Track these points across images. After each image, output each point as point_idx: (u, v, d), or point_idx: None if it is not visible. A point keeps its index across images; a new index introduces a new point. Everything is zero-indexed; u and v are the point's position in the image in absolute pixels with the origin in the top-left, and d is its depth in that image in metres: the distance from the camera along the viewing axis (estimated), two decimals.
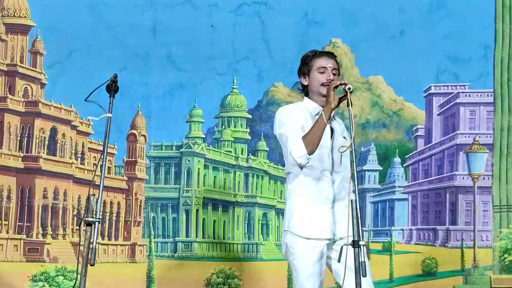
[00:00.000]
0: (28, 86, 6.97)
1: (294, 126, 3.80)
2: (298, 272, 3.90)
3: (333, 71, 3.94)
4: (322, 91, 3.85)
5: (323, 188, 3.93)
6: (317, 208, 3.91)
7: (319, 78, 3.87)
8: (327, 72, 3.90)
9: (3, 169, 6.76)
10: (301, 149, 3.72)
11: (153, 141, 6.94)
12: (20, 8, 6.92)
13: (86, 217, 3.79)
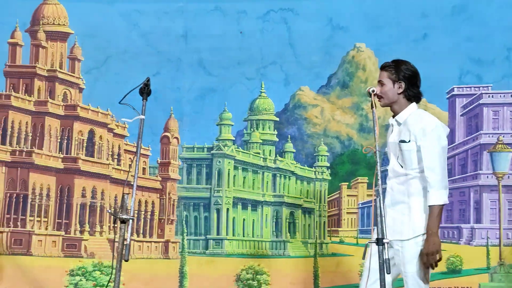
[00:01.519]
0: (67, 90, 6.94)
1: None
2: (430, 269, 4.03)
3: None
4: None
5: None
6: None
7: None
8: None
9: (43, 169, 6.72)
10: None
11: (185, 143, 6.86)
12: (59, 17, 6.88)
13: (121, 215, 3.82)
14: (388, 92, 4.22)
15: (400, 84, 4.19)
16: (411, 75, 4.22)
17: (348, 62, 6.65)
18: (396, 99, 4.22)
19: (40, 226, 6.63)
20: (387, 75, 4.24)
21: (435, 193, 3.95)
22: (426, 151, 3.91)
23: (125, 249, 3.71)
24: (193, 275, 6.59)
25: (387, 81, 4.24)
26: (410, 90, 4.21)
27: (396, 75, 4.20)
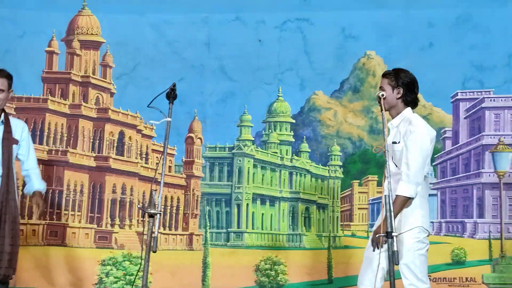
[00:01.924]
0: (99, 95, 6.99)
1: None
2: (426, 259, 4.10)
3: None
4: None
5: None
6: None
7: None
8: None
9: (77, 167, 6.79)
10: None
11: (208, 143, 6.91)
12: (92, 27, 6.93)
13: (149, 210, 3.89)
14: (388, 97, 4.34)
15: (399, 90, 4.32)
16: (409, 82, 4.34)
17: (359, 69, 6.64)
18: (395, 104, 4.34)
19: (74, 220, 6.68)
20: (388, 82, 4.37)
21: (404, 185, 4.05)
22: (407, 149, 4.02)
23: (153, 241, 3.80)
24: (215, 265, 6.57)
25: (387, 87, 4.37)
26: (408, 96, 4.32)
27: (396, 82, 4.33)
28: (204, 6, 6.68)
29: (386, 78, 4.35)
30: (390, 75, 4.35)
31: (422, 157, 4.05)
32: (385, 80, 4.35)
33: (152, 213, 3.89)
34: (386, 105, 4.32)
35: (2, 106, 4.65)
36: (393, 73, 4.35)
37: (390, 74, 4.36)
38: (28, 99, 6.74)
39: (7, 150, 4.60)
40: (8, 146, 4.61)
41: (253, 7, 6.67)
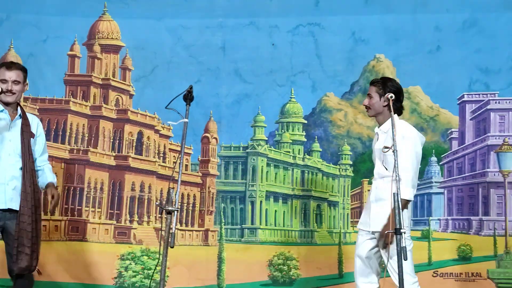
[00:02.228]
0: (119, 96, 7.02)
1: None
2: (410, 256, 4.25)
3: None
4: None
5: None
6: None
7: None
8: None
9: (98, 165, 6.83)
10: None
11: (223, 142, 6.90)
12: (112, 32, 6.96)
13: (167, 207, 3.90)
14: (375, 104, 4.46)
15: (386, 98, 4.42)
16: (395, 90, 4.41)
17: (369, 71, 6.61)
18: (382, 111, 4.45)
19: (94, 216, 6.71)
20: (375, 90, 4.48)
21: (405, 189, 4.15)
22: (402, 154, 4.06)
23: (171, 237, 3.81)
24: (230, 260, 6.59)
25: (375, 95, 4.48)
26: (394, 104, 4.41)
27: (383, 90, 4.42)
28: (219, 11, 6.72)
29: (374, 86, 4.47)
30: (378, 83, 4.48)
31: (417, 162, 4.22)
32: (373, 88, 4.47)
33: (169, 210, 3.91)
34: (373, 111, 4.48)
35: (18, 98, 4.63)
36: (381, 82, 4.47)
37: (378, 82, 4.49)
38: (51, 100, 6.78)
39: (27, 143, 4.58)
40: (27, 139, 4.59)
41: (267, 12, 6.70)
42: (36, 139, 4.71)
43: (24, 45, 6.62)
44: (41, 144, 4.76)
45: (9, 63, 4.69)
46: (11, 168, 4.50)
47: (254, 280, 6.54)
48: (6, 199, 4.46)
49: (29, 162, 4.55)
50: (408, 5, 6.57)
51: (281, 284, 6.53)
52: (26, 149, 4.55)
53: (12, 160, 4.51)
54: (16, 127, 4.58)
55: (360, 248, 4.55)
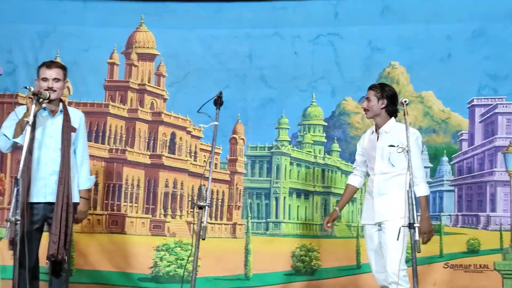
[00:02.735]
0: (154, 100, 7.11)
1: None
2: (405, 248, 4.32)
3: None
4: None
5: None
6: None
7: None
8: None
9: (134, 164, 6.93)
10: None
11: (250, 143, 6.98)
12: (148, 41, 7.06)
13: (199, 202, 4.06)
14: (373, 106, 4.63)
15: (383, 101, 4.58)
16: (391, 95, 4.60)
17: (384, 77, 6.61)
18: (379, 113, 4.61)
19: (132, 210, 6.82)
20: (374, 93, 4.65)
21: (423, 186, 4.35)
22: (412, 154, 4.17)
23: (202, 230, 3.98)
24: (256, 252, 6.65)
25: (373, 98, 4.64)
26: (390, 107, 4.59)
27: (381, 94, 4.60)
28: (246, 22, 6.81)
29: (373, 90, 4.65)
30: (376, 87, 4.66)
31: (422, 160, 4.43)
32: (371, 91, 4.65)
33: (201, 205, 4.07)
34: (371, 113, 4.64)
35: (59, 95, 4.63)
36: (379, 86, 4.65)
37: (376, 87, 4.67)
38: (92, 104, 6.90)
39: (67, 137, 4.59)
40: (68, 134, 4.60)
41: (290, 23, 6.77)
42: (78, 134, 4.73)
43: (68, 54, 6.74)
44: (81, 140, 4.77)
45: (49, 62, 4.72)
46: (52, 163, 4.55)
47: (278, 270, 6.60)
48: (47, 193, 4.52)
49: (68, 157, 4.57)
50: (421, 15, 6.56)
51: (303, 274, 6.58)
52: (66, 144, 4.57)
53: (53, 155, 4.56)
54: (57, 122, 4.62)
55: (370, 242, 4.70)
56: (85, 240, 6.58)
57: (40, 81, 4.64)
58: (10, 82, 6.74)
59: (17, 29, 6.80)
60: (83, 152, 4.81)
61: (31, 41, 6.81)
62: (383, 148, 4.58)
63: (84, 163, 4.82)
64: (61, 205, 4.48)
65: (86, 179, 4.83)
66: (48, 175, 4.54)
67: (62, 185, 4.50)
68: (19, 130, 4.40)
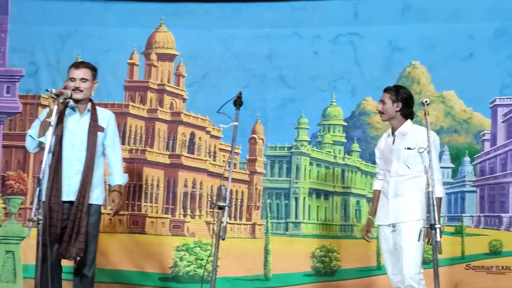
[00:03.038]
0: (173, 100, 7.13)
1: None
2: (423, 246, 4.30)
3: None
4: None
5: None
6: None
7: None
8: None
9: (154, 164, 6.96)
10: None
11: (269, 143, 6.97)
12: (168, 41, 7.09)
13: (219, 203, 4.05)
14: (388, 109, 4.62)
15: (398, 104, 4.57)
16: (406, 97, 4.58)
17: (405, 77, 6.59)
18: (394, 116, 4.60)
19: (152, 211, 6.85)
20: (388, 96, 4.64)
21: (439, 187, 4.30)
22: (430, 155, 4.14)
23: (222, 230, 3.98)
24: (276, 252, 6.63)
25: (388, 101, 4.63)
26: (406, 109, 4.58)
27: (395, 97, 4.58)
28: (265, 22, 6.81)
29: (387, 92, 4.65)
30: (391, 90, 4.65)
31: (438, 161, 4.39)
32: (386, 94, 4.65)
33: (221, 206, 4.06)
34: (386, 116, 4.63)
35: (86, 95, 4.66)
36: (394, 89, 4.63)
37: (391, 89, 4.66)
38: (113, 104, 6.92)
39: (93, 137, 4.60)
40: (94, 133, 4.61)
41: (309, 23, 6.76)
42: (107, 133, 4.75)
43: (89, 55, 6.69)
44: (111, 139, 4.79)
45: (77, 62, 4.79)
46: (77, 162, 4.58)
47: (297, 270, 6.60)
48: (70, 191, 4.54)
49: (92, 156, 4.59)
50: (442, 14, 6.52)
51: (323, 275, 6.57)
52: (91, 144, 4.59)
53: (78, 154, 4.59)
54: (83, 122, 4.65)
55: (385, 243, 4.71)
56: (106, 239, 6.60)
57: (69, 81, 4.70)
58: (33, 84, 6.82)
59: (39, 30, 6.88)
60: (116, 150, 4.85)
61: (53, 43, 6.89)
62: (399, 151, 4.58)
63: (118, 161, 4.87)
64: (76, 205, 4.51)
65: (120, 176, 4.88)
66: (72, 174, 4.57)
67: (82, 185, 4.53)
68: (42, 130, 4.42)
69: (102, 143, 4.74)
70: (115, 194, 4.79)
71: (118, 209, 4.84)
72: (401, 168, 4.57)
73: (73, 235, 4.45)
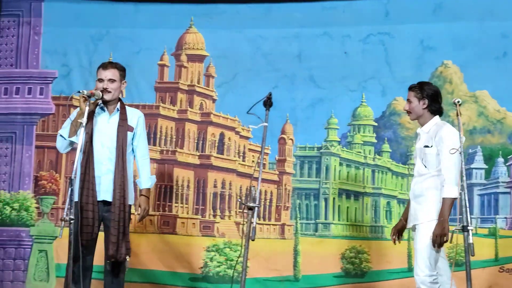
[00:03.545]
0: (203, 101, 7.15)
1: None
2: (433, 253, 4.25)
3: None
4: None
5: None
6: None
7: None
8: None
9: (184, 165, 6.99)
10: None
11: (299, 143, 6.96)
12: (197, 42, 7.12)
13: (248, 203, 4.04)
14: (415, 108, 4.54)
15: (424, 101, 4.50)
16: (433, 93, 4.50)
17: (437, 77, 6.51)
18: (422, 114, 4.52)
19: (182, 211, 6.88)
20: (414, 95, 4.56)
21: (450, 188, 4.19)
22: (443, 154, 4.16)
23: (252, 230, 3.96)
24: (305, 253, 6.62)
25: (414, 99, 4.55)
26: (433, 105, 4.49)
27: (421, 94, 4.51)
28: (295, 22, 6.80)
29: (412, 91, 4.56)
30: (415, 88, 4.56)
31: (458, 161, 4.16)
32: (411, 93, 4.57)
33: (251, 206, 4.05)
34: (414, 115, 4.55)
35: (115, 96, 4.68)
36: (418, 86, 4.55)
37: (415, 87, 4.57)
38: (143, 106, 6.97)
39: (122, 136, 4.62)
40: (123, 132, 4.63)
41: (340, 23, 6.73)
42: (135, 133, 4.77)
43: (120, 56, 6.67)
44: (139, 139, 4.80)
45: (106, 63, 4.81)
46: (107, 162, 4.61)
47: (327, 272, 6.58)
48: (101, 191, 4.57)
49: (123, 156, 4.60)
50: (475, 13, 6.44)
51: (353, 276, 6.54)
52: (121, 143, 4.60)
53: (108, 153, 4.62)
54: (113, 122, 4.68)
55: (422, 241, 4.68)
56: (137, 240, 6.68)
57: (97, 82, 4.76)
58: (65, 85, 6.92)
59: (72, 33, 6.97)
60: (143, 151, 4.87)
61: (85, 45, 6.98)
62: (420, 149, 4.53)
63: (145, 163, 4.89)
64: (118, 205, 4.54)
65: (148, 179, 4.89)
66: (103, 174, 4.59)
67: (119, 185, 4.55)
68: (73, 130, 4.48)
69: (131, 142, 4.76)
70: (142, 199, 4.81)
71: (144, 214, 4.85)
72: (421, 168, 4.52)
73: (120, 236, 4.51)
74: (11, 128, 6.91)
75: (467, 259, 3.93)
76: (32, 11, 6.95)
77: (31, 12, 6.94)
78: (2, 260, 6.76)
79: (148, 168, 4.90)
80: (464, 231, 3.92)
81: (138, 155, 4.82)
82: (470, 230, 3.91)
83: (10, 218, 6.86)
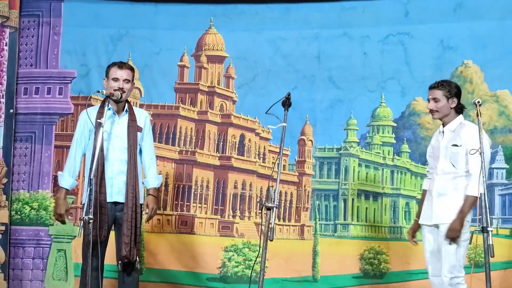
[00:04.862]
0: (223, 102, 7.15)
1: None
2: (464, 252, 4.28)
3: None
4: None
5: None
6: None
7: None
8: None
9: (204, 165, 6.99)
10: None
11: (318, 144, 6.92)
12: (217, 43, 7.11)
13: (267, 204, 4.04)
14: (443, 107, 4.44)
15: (453, 100, 4.41)
16: (458, 91, 4.44)
17: (457, 76, 6.42)
18: (449, 113, 4.44)
19: (201, 211, 6.87)
20: (442, 93, 4.44)
21: (474, 186, 4.10)
22: (475, 155, 4.04)
23: (270, 231, 3.96)
24: (324, 254, 6.59)
25: (442, 98, 4.44)
26: (460, 104, 4.43)
27: (449, 92, 4.42)
28: (314, 23, 6.76)
29: (440, 89, 4.44)
30: (443, 86, 4.44)
31: (487, 161, 4.12)
32: (439, 91, 4.45)
33: (269, 207, 4.05)
34: (440, 114, 4.45)
35: (127, 96, 4.67)
36: (446, 85, 4.44)
37: (443, 86, 4.45)
38: (163, 106, 7.00)
39: (133, 137, 4.60)
40: (133, 133, 4.61)
41: (359, 23, 6.68)
42: (143, 133, 4.74)
43: (140, 57, 6.87)
44: (146, 139, 4.78)
45: (120, 62, 4.75)
46: (119, 163, 4.59)
47: (346, 272, 6.55)
48: (113, 192, 4.56)
49: (134, 156, 4.59)
50: (495, 12, 6.35)
51: (372, 277, 6.49)
52: (132, 143, 4.59)
53: (119, 154, 4.60)
54: (122, 122, 4.65)
55: (427, 243, 4.61)
56: (155, 239, 6.67)
57: (110, 81, 4.71)
58: (84, 85, 6.94)
59: (91, 33, 6.99)
60: (150, 151, 4.84)
61: (105, 45, 6.98)
62: (446, 147, 4.44)
63: (152, 163, 4.85)
64: (130, 206, 4.53)
65: (154, 178, 4.85)
66: (115, 175, 4.58)
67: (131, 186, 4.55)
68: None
69: (139, 143, 4.74)
70: (150, 198, 4.76)
71: (152, 214, 4.79)
72: (447, 166, 4.44)
73: (132, 236, 4.50)
74: (31, 128, 6.94)
75: (487, 260, 3.86)
76: (51, 11, 6.98)
77: (50, 12, 6.98)
78: (21, 259, 6.79)
79: (155, 168, 4.87)
80: (484, 232, 3.87)
81: (145, 155, 4.79)
82: (490, 231, 3.85)
83: (29, 217, 6.89)
